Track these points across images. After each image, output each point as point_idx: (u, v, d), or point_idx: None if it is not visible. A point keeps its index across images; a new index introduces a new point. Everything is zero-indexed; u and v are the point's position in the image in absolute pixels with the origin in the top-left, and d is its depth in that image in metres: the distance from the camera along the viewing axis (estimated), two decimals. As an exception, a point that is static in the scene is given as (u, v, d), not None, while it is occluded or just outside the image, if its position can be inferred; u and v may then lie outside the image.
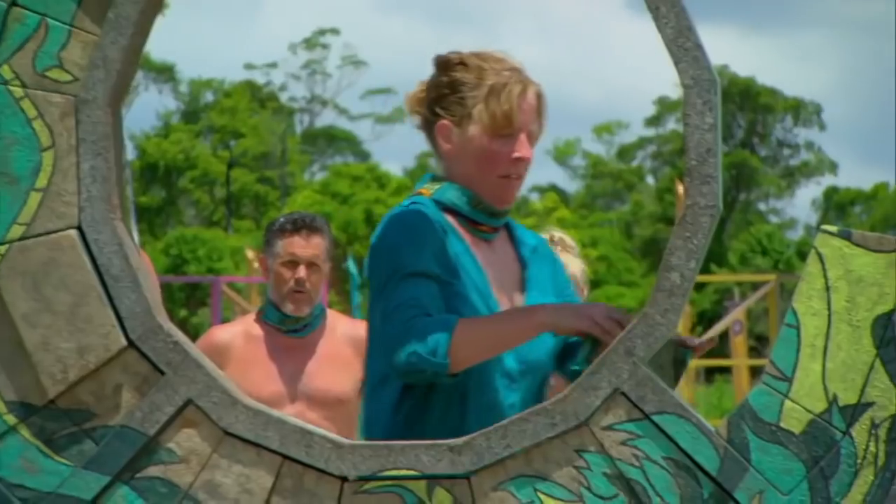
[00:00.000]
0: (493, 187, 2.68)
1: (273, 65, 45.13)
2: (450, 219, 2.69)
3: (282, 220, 4.07)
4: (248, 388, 3.55)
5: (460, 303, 2.59)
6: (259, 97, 42.82)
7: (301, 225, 3.99)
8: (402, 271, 2.55)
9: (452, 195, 2.70)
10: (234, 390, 2.43)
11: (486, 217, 2.72)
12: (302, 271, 3.94)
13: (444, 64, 2.72)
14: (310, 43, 45.55)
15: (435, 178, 2.76)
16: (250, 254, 17.16)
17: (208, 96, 44.80)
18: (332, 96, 47.44)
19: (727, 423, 2.35)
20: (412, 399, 2.63)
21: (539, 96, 2.70)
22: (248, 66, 44.78)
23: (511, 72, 2.66)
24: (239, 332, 4.11)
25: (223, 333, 4.14)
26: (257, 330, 4.05)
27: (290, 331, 4.03)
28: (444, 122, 2.69)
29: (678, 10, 2.37)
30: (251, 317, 4.15)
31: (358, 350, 3.99)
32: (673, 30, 2.37)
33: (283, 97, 45.94)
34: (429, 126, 2.74)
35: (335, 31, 46.06)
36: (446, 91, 2.69)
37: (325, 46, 45.81)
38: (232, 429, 2.40)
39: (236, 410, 2.40)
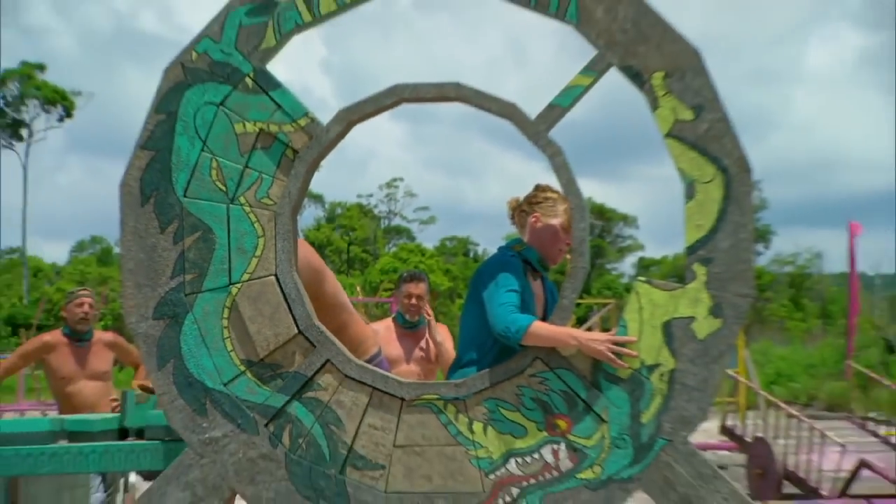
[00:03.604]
0: (552, 255, 4.92)
1: (370, 195, 72.56)
2: (524, 265, 4.88)
3: (405, 275, 7.43)
4: (387, 351, 7.14)
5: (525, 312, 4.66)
6: (364, 211, 65.37)
7: (412, 277, 7.39)
8: (506, 286, 4.60)
9: (532, 255, 4.95)
10: (350, 355, 4.72)
11: (542, 268, 4.99)
12: (414, 299, 7.28)
13: (543, 189, 5.03)
14: (388, 185, 73.22)
15: (519, 242, 4.98)
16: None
17: (337, 210, 70.71)
18: (398, 210, 73.85)
19: (592, 368, 4.52)
20: (494, 351, 4.79)
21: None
22: (359, 196, 71.68)
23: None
24: (383, 325, 7.38)
25: (379, 325, 7.49)
26: (390, 325, 7.41)
27: (407, 326, 7.37)
28: (538, 214, 4.99)
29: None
30: (388, 320, 7.48)
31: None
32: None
33: (376, 210, 71.14)
34: (523, 215, 5.01)
35: (401, 179, 77.47)
36: (542, 200, 5.01)
37: (395, 186, 73.29)
38: (348, 374, 4.61)
39: (350, 365, 4.63)
